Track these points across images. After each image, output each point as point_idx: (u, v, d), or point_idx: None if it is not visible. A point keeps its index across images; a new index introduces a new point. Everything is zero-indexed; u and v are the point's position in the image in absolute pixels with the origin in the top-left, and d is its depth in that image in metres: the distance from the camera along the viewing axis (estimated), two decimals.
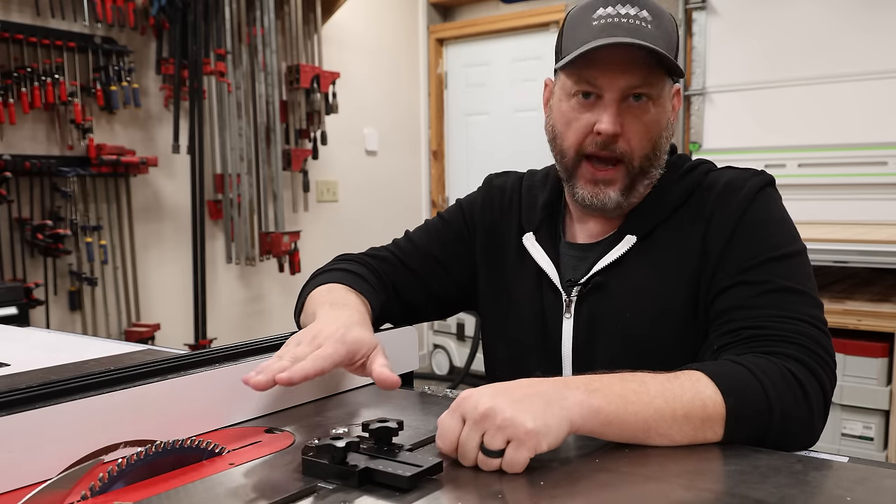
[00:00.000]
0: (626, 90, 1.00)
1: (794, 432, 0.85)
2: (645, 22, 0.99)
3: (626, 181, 1.04)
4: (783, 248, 0.98)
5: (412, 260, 1.22)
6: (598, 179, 1.04)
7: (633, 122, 1.02)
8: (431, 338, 4.67)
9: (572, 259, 1.12)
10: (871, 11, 3.46)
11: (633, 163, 1.03)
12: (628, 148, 1.02)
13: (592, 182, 1.05)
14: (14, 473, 0.70)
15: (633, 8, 1.00)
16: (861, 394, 2.60)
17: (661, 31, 1.00)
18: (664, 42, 0.99)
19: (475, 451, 0.73)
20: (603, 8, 1.00)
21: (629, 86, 1.00)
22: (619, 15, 0.99)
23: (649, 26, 0.99)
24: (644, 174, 1.05)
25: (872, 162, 3.48)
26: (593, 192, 1.05)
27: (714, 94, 3.89)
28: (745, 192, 1.02)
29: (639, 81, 1.00)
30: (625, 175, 1.04)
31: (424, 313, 1.26)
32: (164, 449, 0.72)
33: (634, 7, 1.00)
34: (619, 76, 1.00)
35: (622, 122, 1.01)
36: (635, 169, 1.04)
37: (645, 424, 0.78)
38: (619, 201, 1.05)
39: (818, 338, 0.91)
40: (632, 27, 0.98)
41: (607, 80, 1.00)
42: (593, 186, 1.05)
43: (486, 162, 4.76)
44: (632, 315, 1.04)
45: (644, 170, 1.04)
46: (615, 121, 1.00)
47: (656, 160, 1.05)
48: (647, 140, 1.03)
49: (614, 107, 1.00)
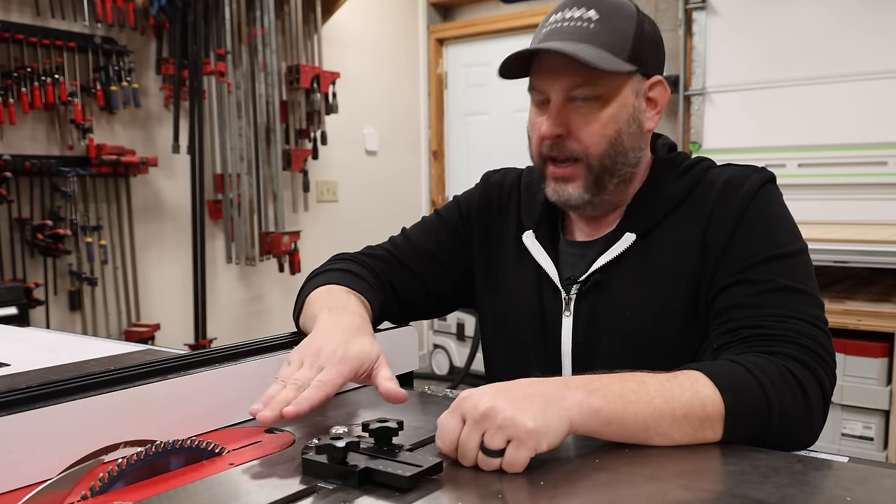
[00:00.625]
0: (567, 91, 1.02)
1: (793, 431, 0.85)
2: (588, 23, 1.01)
3: (587, 178, 1.05)
4: (784, 247, 0.98)
5: (409, 258, 1.22)
6: (557, 177, 1.06)
7: (580, 122, 1.03)
8: (431, 338, 4.67)
9: (571, 257, 1.12)
10: (871, 11, 3.46)
11: (590, 160, 1.04)
12: (580, 147, 1.04)
13: (554, 179, 1.07)
14: (14, 473, 0.70)
15: (579, 10, 1.02)
16: (861, 394, 2.60)
17: (607, 29, 1.01)
18: (611, 40, 1.00)
19: (475, 450, 0.73)
20: (555, 13, 1.05)
21: (568, 87, 1.02)
22: (565, 19, 1.02)
23: (592, 26, 1.01)
24: (608, 171, 1.05)
25: (872, 162, 3.48)
26: (555, 189, 1.07)
27: (714, 94, 3.88)
28: (746, 190, 1.02)
29: (578, 82, 1.01)
30: (585, 172, 1.05)
31: (422, 311, 1.26)
32: (164, 449, 0.72)
33: (581, 9, 1.02)
34: (556, 79, 1.02)
35: (568, 123, 1.03)
36: (594, 167, 1.04)
37: (644, 424, 0.78)
38: (583, 197, 1.06)
39: (818, 337, 0.91)
40: (572, 30, 1.01)
41: (547, 84, 1.04)
42: (555, 184, 1.07)
43: (486, 162, 4.72)
44: (632, 313, 1.04)
45: (606, 167, 1.05)
46: (554, 123, 1.03)
47: (620, 156, 1.05)
48: (600, 138, 1.03)
49: (555, 109, 1.03)
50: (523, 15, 4.54)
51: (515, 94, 4.65)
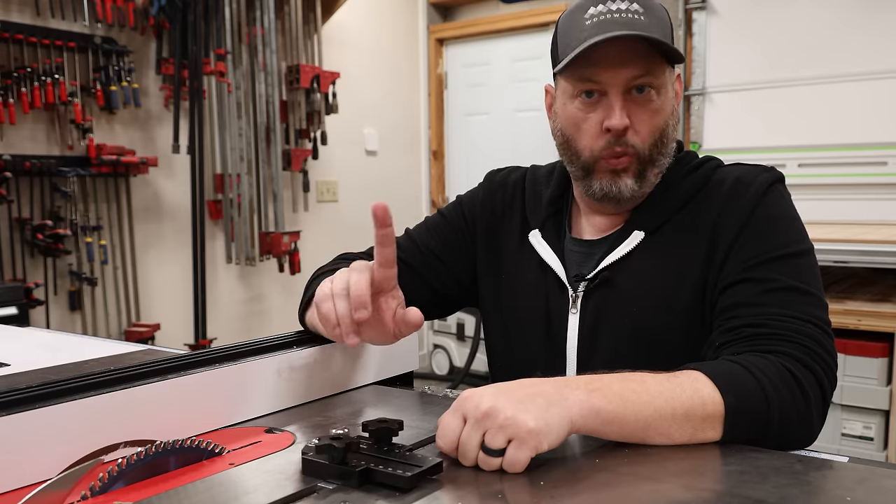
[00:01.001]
0: (629, 82, 1.01)
1: (792, 431, 0.85)
2: (637, 14, 1.00)
3: (637, 169, 1.05)
4: (791, 247, 0.98)
5: (412, 257, 1.22)
6: (615, 170, 1.05)
7: (639, 113, 1.02)
8: (431, 338, 4.67)
9: (578, 255, 1.12)
10: (871, 11, 3.46)
11: (644, 152, 1.04)
12: (638, 139, 1.03)
13: (610, 173, 1.05)
14: (14, 473, 0.70)
15: (623, 2, 1.01)
16: (861, 394, 2.60)
17: (654, 19, 1.01)
18: (658, 30, 1.00)
19: (476, 450, 0.73)
20: (594, 7, 1.02)
21: (631, 77, 1.00)
22: (611, 10, 1.00)
23: (642, 17, 1.00)
24: (653, 163, 1.05)
25: (872, 162, 3.48)
26: (611, 182, 1.05)
27: (714, 94, 3.88)
28: (755, 189, 1.02)
29: (640, 72, 1.00)
30: (636, 164, 1.04)
31: (426, 311, 1.24)
32: (164, 449, 0.72)
33: (625, 1, 1.01)
34: (620, 70, 1.00)
35: (630, 115, 1.02)
36: (645, 158, 1.04)
37: (645, 423, 0.78)
38: (633, 189, 1.05)
39: (819, 338, 0.91)
40: (625, 20, 0.99)
41: (609, 76, 1.01)
42: (611, 176, 1.05)
43: (486, 162, 4.71)
44: (639, 310, 1.04)
45: (653, 158, 1.05)
46: (623, 115, 1.01)
47: (664, 147, 1.05)
48: (654, 129, 1.04)
49: (620, 101, 1.01)
50: (523, 15, 4.54)
51: (515, 94, 4.65)
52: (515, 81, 4.65)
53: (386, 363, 1.11)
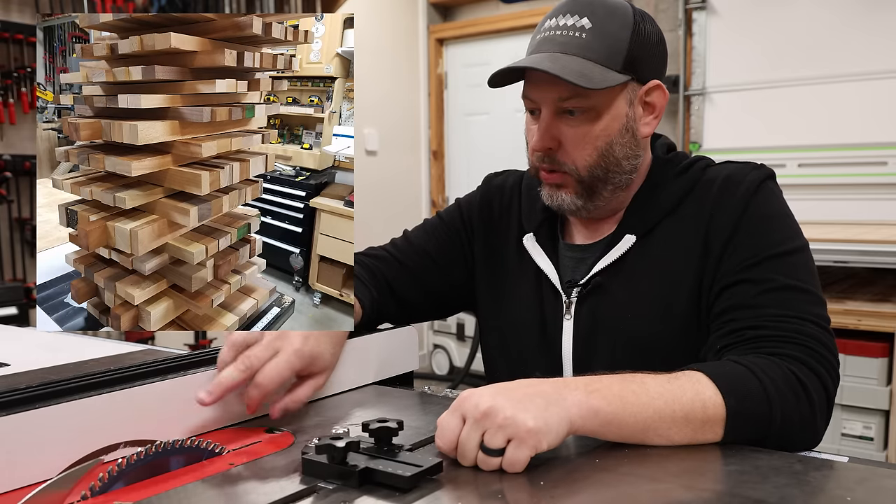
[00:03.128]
0: (558, 103, 1.01)
1: (795, 433, 0.84)
2: (581, 31, 0.99)
3: (577, 187, 1.04)
4: (785, 245, 0.98)
5: (408, 258, 1.22)
6: (549, 184, 1.06)
7: (570, 136, 1.02)
8: (431, 338, 4.67)
9: (571, 260, 1.12)
10: (871, 11, 3.46)
11: (581, 173, 1.03)
12: (569, 160, 1.03)
13: (549, 186, 1.07)
14: (14, 473, 0.70)
15: (573, 17, 1.00)
16: (861, 394, 2.60)
17: (599, 37, 0.99)
18: (601, 49, 0.98)
19: (475, 450, 0.73)
20: (550, 19, 1.03)
21: (559, 99, 1.00)
22: (559, 27, 1.01)
23: (585, 35, 0.99)
24: (601, 180, 1.04)
25: (872, 162, 3.48)
26: (549, 195, 1.07)
27: (714, 94, 3.88)
28: (745, 188, 1.01)
29: (568, 94, 0.99)
30: (573, 183, 1.04)
31: (422, 312, 1.25)
32: (164, 449, 0.72)
33: (575, 16, 1.00)
34: (546, 92, 1.01)
35: (559, 136, 1.02)
36: (583, 178, 1.04)
37: (644, 425, 0.78)
38: (576, 203, 1.05)
39: (820, 337, 0.91)
40: (563, 39, 0.99)
41: (538, 95, 1.02)
42: (548, 189, 1.07)
43: (486, 162, 4.75)
44: (633, 315, 1.04)
45: (598, 177, 1.04)
46: (544, 136, 1.02)
47: (613, 166, 1.04)
48: (589, 150, 1.02)
49: (545, 122, 1.02)
50: (523, 15, 4.54)
51: (516, 94, 4.61)
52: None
53: (386, 363, 1.11)
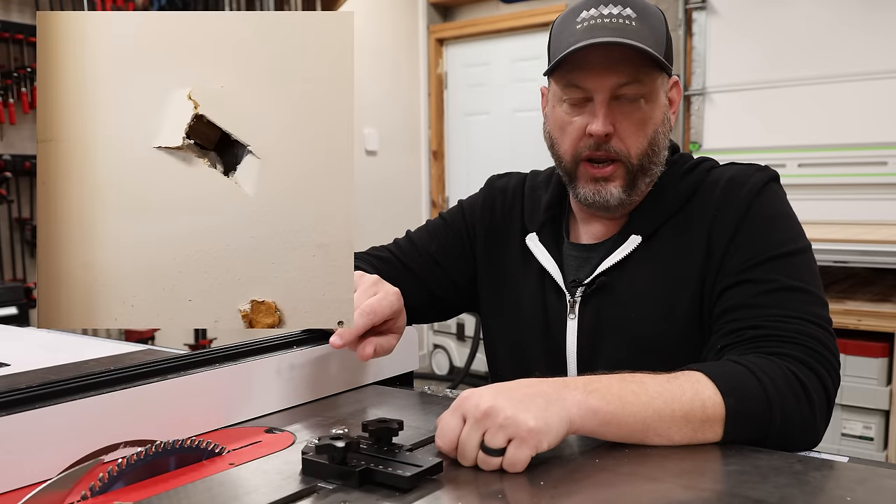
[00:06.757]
0: (615, 89, 1.00)
1: (795, 433, 0.84)
2: (629, 20, 0.99)
3: (626, 178, 1.04)
4: (788, 246, 0.98)
5: (411, 259, 1.22)
6: (597, 178, 1.04)
7: (625, 121, 1.02)
8: (431, 338, 4.67)
9: (576, 260, 1.12)
10: (871, 11, 3.46)
11: (631, 161, 1.03)
12: (623, 146, 1.02)
13: (593, 181, 1.05)
14: (14, 473, 0.70)
15: (616, 7, 1.00)
16: (861, 394, 2.60)
17: (646, 27, 1.00)
18: (651, 38, 0.99)
19: (475, 450, 0.73)
20: (587, 10, 1.01)
21: (617, 84, 1.00)
22: (603, 15, 1.00)
23: (634, 23, 0.99)
24: (644, 171, 1.05)
25: (872, 162, 3.48)
26: (595, 190, 1.05)
27: (714, 94, 3.88)
28: (748, 189, 1.01)
29: (626, 79, 1.00)
30: (624, 172, 1.04)
31: (424, 314, 1.25)
32: (164, 449, 0.72)
33: (618, 6, 1.00)
34: (605, 76, 1.00)
35: (614, 122, 1.01)
36: (634, 167, 1.03)
37: (643, 425, 0.78)
38: (621, 198, 1.05)
39: (821, 337, 0.91)
40: (616, 26, 0.98)
41: (594, 81, 1.00)
42: (594, 184, 1.05)
43: (486, 162, 4.76)
44: (637, 315, 1.04)
45: (643, 167, 1.04)
46: (606, 121, 1.00)
47: (655, 156, 1.05)
48: (641, 137, 1.02)
49: (604, 107, 1.01)
50: (523, 15, 4.54)
51: (515, 94, 4.65)
52: (515, 81, 4.65)
53: (386, 363, 1.11)
